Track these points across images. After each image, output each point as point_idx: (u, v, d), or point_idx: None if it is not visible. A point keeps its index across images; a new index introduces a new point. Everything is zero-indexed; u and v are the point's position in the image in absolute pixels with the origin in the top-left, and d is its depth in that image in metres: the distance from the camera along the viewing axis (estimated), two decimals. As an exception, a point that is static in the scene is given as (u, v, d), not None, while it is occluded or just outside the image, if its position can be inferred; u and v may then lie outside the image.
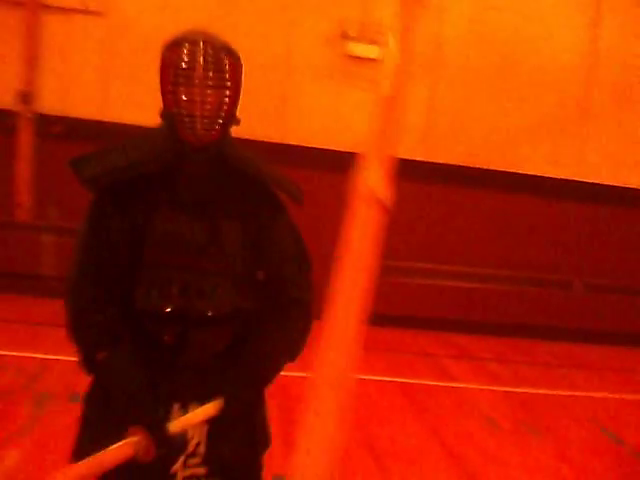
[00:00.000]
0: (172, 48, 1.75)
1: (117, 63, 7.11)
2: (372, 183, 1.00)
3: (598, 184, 7.85)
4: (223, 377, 1.84)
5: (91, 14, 7.08)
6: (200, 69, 1.74)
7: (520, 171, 7.75)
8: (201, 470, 1.88)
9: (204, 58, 1.74)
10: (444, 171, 7.65)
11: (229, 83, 1.79)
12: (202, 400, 1.81)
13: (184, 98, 1.75)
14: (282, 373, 4.62)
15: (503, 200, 7.85)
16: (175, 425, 1.77)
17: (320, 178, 7.39)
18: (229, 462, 1.92)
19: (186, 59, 1.73)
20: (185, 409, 1.84)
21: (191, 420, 1.80)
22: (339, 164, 7.28)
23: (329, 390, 1.51)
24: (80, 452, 1.83)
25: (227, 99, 1.79)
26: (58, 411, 4.27)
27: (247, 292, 1.89)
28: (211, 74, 1.75)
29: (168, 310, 1.80)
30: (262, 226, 1.91)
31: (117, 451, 1.69)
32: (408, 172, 7.33)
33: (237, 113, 1.86)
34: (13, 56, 6.94)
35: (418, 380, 5.83)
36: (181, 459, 1.85)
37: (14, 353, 5.26)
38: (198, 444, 1.87)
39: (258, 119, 7.23)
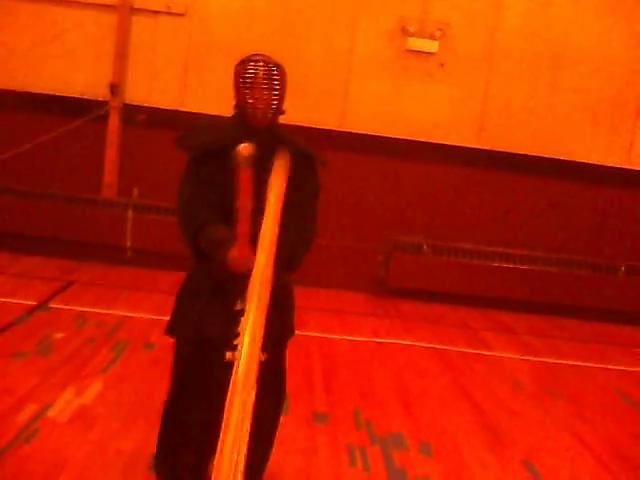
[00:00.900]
0: (242, 64, 2.68)
1: (195, 59, 7.86)
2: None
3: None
4: None
5: (174, 15, 7.82)
6: (259, 78, 2.64)
7: (571, 159, 8.10)
8: None
9: (262, 71, 2.64)
10: (497, 158, 8.09)
11: (278, 87, 2.68)
12: None
13: (249, 97, 2.66)
14: (326, 335, 5.45)
15: (553, 186, 8.21)
16: None
17: (374, 162, 8.01)
18: (271, 339, 2.67)
19: (251, 72, 2.65)
20: None
21: None
22: (395, 150, 7.94)
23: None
24: (173, 320, 2.85)
25: (276, 97, 2.69)
26: (133, 355, 5.07)
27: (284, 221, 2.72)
28: (266, 82, 2.65)
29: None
30: (298, 180, 2.78)
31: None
32: (462, 158, 7.90)
33: (284, 107, 2.77)
34: (106, 53, 7.78)
35: (456, 348, 6.36)
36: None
37: (97, 310, 6.07)
38: None
39: (321, 109, 7.88)
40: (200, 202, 2.70)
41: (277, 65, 2.67)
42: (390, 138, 7.99)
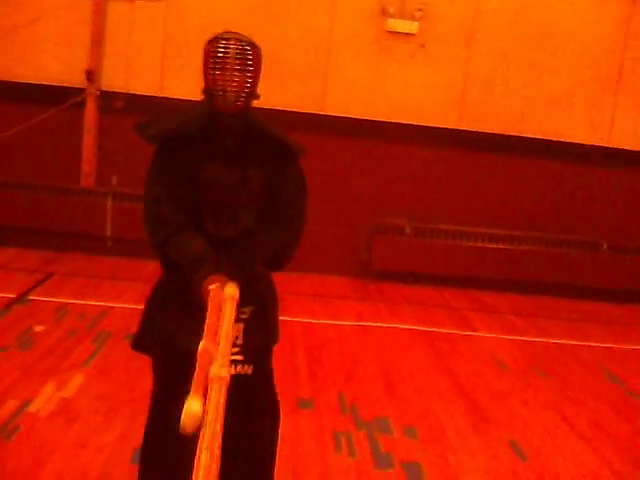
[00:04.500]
0: (212, 43, 2.39)
1: (173, 45, 7.75)
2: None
3: (628, 150, 8.14)
4: (229, 257, 2.44)
5: (151, 1, 7.71)
6: (231, 58, 2.36)
7: (553, 138, 8.09)
8: (239, 357, 2.51)
9: (234, 50, 2.36)
10: (478, 139, 8.07)
11: (251, 68, 2.39)
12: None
13: (219, 79, 2.37)
14: (310, 320, 5.45)
15: (533, 165, 8.22)
16: None
17: (355, 145, 7.96)
18: (255, 351, 2.57)
19: (221, 51, 2.36)
20: None
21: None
22: (376, 132, 7.87)
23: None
24: (142, 336, 2.63)
25: (249, 80, 2.40)
26: (115, 347, 5.00)
27: (262, 217, 2.55)
28: (238, 62, 2.36)
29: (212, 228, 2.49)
30: (276, 171, 2.56)
31: (215, 298, 2.13)
32: (444, 139, 7.87)
33: (258, 90, 2.48)
34: (82, 39, 7.63)
35: (440, 329, 6.37)
36: None
37: (78, 301, 6.00)
38: (237, 337, 2.49)
39: (300, 92, 7.80)
40: (168, 204, 2.44)
41: (251, 44, 2.39)
42: (371, 121, 7.94)
